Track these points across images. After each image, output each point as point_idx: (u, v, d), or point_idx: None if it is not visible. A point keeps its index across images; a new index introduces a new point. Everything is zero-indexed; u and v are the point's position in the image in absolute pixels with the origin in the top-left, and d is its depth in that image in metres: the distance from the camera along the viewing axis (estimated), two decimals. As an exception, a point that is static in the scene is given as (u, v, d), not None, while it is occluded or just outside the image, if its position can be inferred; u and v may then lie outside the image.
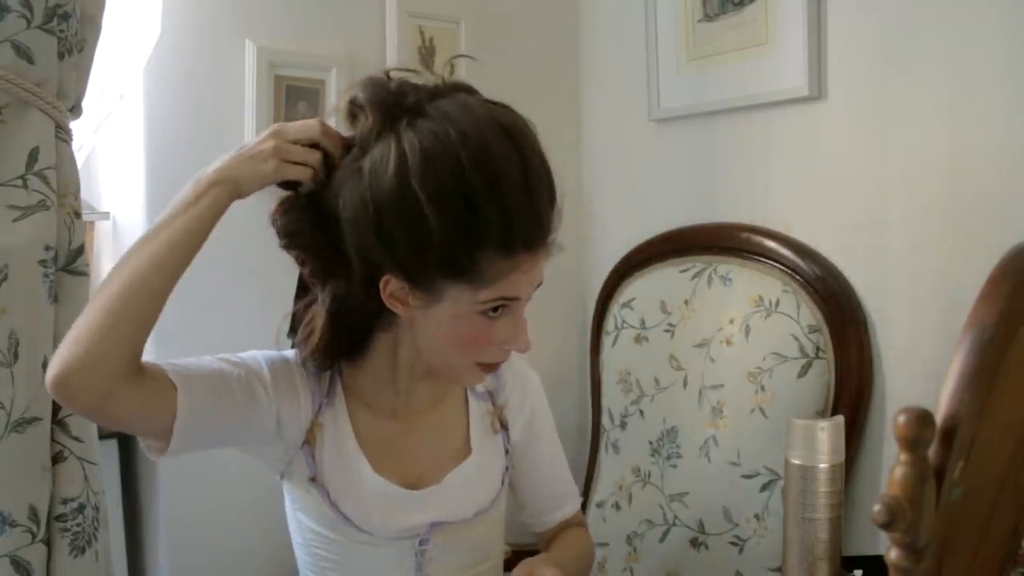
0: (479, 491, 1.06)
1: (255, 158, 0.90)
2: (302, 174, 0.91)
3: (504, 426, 1.10)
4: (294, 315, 1.01)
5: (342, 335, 0.97)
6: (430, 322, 0.92)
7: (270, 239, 0.95)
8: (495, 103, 0.91)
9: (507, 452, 1.10)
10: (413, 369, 1.01)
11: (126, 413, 0.89)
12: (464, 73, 1.71)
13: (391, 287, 0.90)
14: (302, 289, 1.00)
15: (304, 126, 0.93)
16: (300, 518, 1.04)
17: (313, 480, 1.00)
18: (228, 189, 0.89)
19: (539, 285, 0.94)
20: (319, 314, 0.95)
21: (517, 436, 1.12)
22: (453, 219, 0.84)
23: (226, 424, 0.94)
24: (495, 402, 1.10)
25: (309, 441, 1.00)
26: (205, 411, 0.91)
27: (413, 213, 0.84)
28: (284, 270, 1.00)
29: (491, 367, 0.97)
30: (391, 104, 0.88)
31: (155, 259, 0.87)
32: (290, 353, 1.02)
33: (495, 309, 0.90)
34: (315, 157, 0.91)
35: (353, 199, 0.88)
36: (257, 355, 0.99)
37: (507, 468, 1.10)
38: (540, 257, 0.90)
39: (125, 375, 0.86)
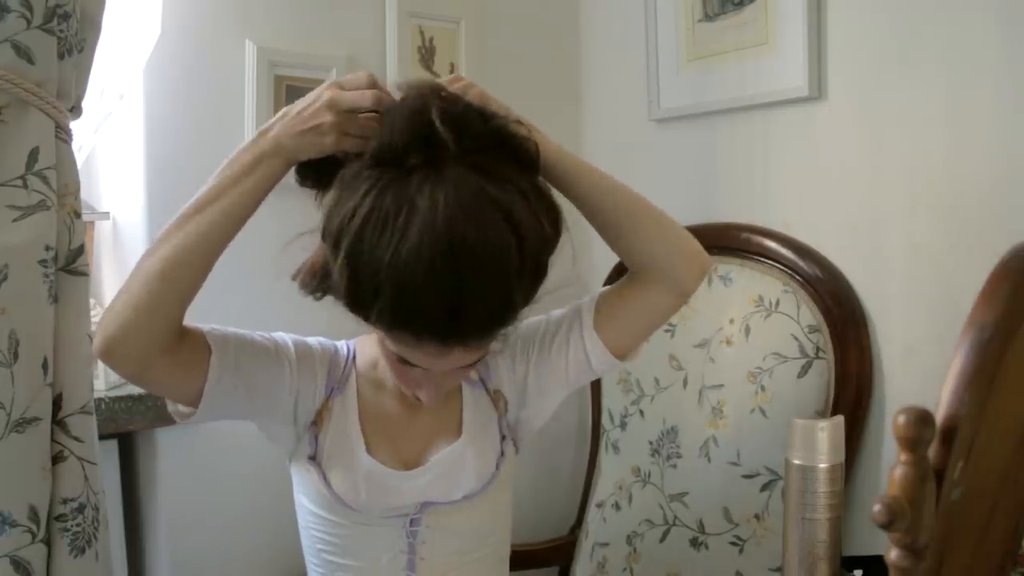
0: (468, 474, 1.05)
1: (314, 131, 0.88)
2: (360, 146, 0.87)
3: (506, 405, 1.09)
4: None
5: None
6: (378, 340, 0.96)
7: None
8: (480, 203, 0.81)
9: (504, 438, 1.09)
10: None
11: (164, 378, 0.93)
12: (465, 73, 1.72)
13: None
14: None
15: (360, 96, 0.88)
16: (302, 501, 1.06)
17: (312, 459, 1.02)
18: (286, 159, 0.89)
19: (473, 364, 0.93)
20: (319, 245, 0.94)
21: (513, 402, 1.09)
22: (359, 296, 0.84)
23: (252, 394, 0.97)
24: (489, 389, 1.09)
25: (316, 422, 1.03)
26: (235, 378, 0.95)
27: (331, 263, 0.85)
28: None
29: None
30: (391, 154, 0.84)
31: (205, 231, 0.88)
32: (313, 339, 1.06)
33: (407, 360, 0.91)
34: (372, 127, 0.87)
35: (324, 202, 0.88)
36: (284, 335, 1.03)
37: (503, 453, 1.08)
38: (456, 353, 0.87)
39: (166, 344, 0.90)
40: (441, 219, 0.79)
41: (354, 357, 1.07)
